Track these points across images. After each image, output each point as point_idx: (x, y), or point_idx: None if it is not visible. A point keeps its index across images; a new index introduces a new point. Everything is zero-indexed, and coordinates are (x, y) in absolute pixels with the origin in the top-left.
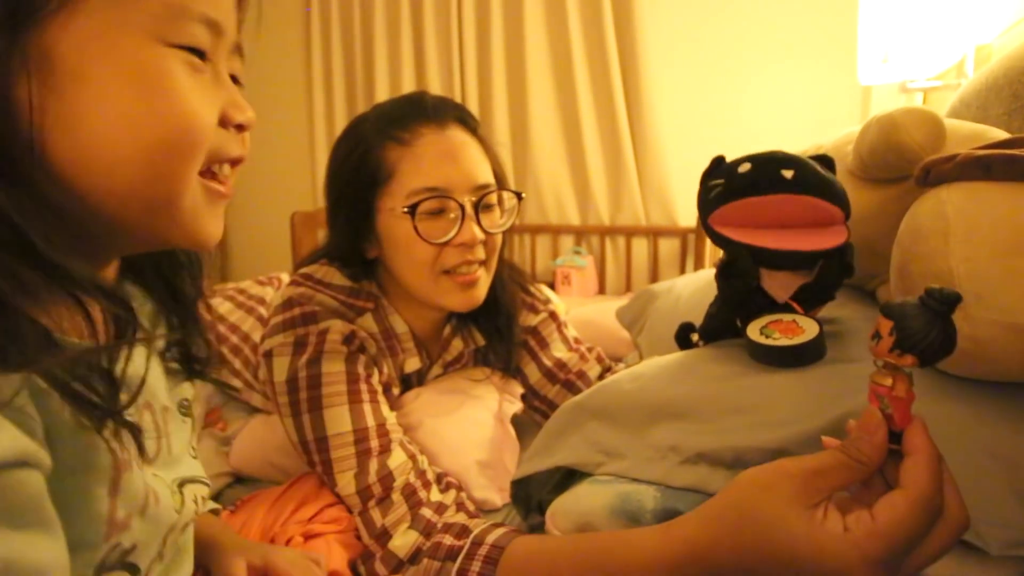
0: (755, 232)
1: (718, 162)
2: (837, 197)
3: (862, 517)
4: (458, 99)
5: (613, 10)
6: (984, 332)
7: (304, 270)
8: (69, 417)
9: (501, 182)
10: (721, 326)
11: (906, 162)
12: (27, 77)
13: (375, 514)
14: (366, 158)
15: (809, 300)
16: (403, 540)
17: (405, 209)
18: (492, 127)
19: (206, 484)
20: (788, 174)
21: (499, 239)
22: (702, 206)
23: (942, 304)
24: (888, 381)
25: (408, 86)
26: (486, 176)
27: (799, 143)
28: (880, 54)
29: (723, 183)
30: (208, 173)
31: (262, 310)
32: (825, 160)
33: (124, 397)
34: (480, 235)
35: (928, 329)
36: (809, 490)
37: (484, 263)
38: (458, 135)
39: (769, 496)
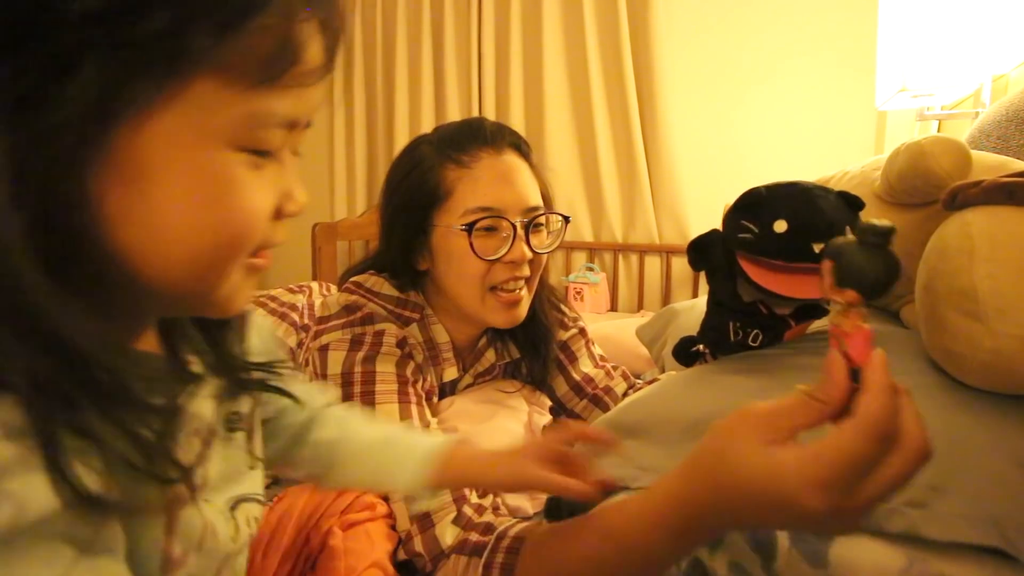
0: (771, 271)
1: (755, 200)
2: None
3: (812, 444)
4: (475, 114)
5: (630, 30)
6: (1006, 345)
7: (354, 279)
8: (121, 456)
9: (548, 204)
10: (722, 336)
11: (933, 187)
12: (100, 170)
13: None
14: (425, 178)
15: (806, 315)
16: (448, 533)
17: (462, 227)
18: None
19: (259, 501)
20: (818, 248)
21: (544, 259)
22: (728, 234)
23: (877, 236)
24: (844, 322)
25: (427, 106)
26: (536, 199)
27: (814, 166)
28: (897, 81)
29: (755, 236)
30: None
31: (295, 316)
32: (853, 203)
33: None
34: (528, 254)
35: (865, 263)
36: (769, 428)
37: (528, 282)
38: (512, 159)
39: (732, 437)
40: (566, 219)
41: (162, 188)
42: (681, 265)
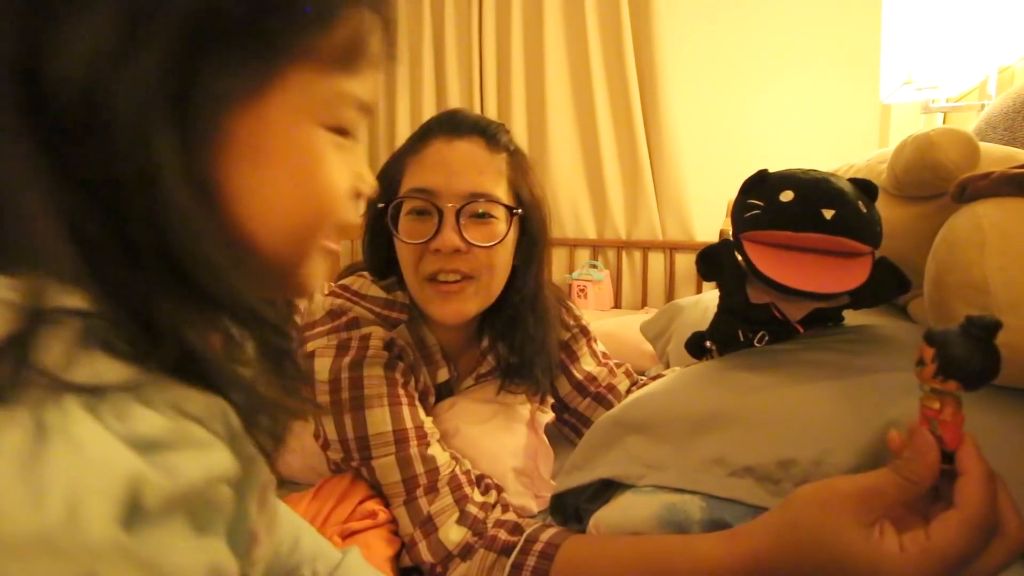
0: (779, 255)
1: (761, 178)
2: (871, 236)
3: (917, 536)
4: (476, 111)
5: (632, 25)
6: (1017, 339)
7: (342, 282)
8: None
9: (526, 206)
10: (730, 340)
11: (941, 180)
12: (222, 153)
13: (422, 502)
14: (392, 170)
15: (817, 322)
16: (453, 533)
17: (383, 203)
18: None
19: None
20: (828, 214)
21: (494, 256)
22: (736, 221)
23: (983, 331)
24: (936, 405)
25: (428, 104)
26: (484, 186)
27: (818, 160)
28: (902, 74)
29: (762, 208)
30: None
31: (295, 318)
32: (868, 188)
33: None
34: (457, 243)
35: (970, 355)
36: (865, 509)
37: (471, 278)
38: (468, 146)
39: (827, 514)
40: (511, 211)
41: (270, 165)
42: (684, 261)
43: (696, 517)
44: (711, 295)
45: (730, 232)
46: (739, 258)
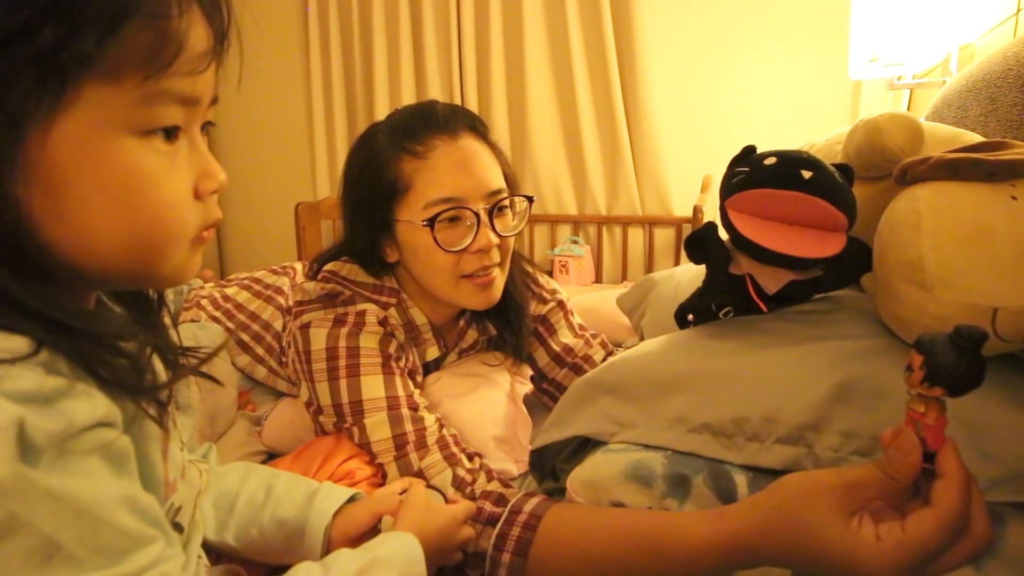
0: (762, 224)
1: (749, 150)
2: (846, 204)
3: (893, 529)
4: (456, 90)
5: (611, 4)
6: (949, 312)
7: (329, 267)
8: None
9: (512, 185)
10: (703, 308)
11: (888, 163)
12: (21, 178)
13: (412, 457)
14: (382, 171)
15: (788, 301)
16: (448, 491)
17: (424, 222)
18: (490, 118)
19: (204, 463)
20: (807, 175)
21: (512, 241)
22: (724, 188)
23: (970, 341)
24: (921, 408)
25: (407, 77)
26: (498, 182)
27: (792, 137)
28: (869, 51)
29: (747, 172)
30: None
31: (280, 299)
32: (845, 170)
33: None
34: (495, 240)
35: (956, 364)
36: (847, 500)
37: (499, 264)
38: (470, 144)
39: (811, 502)
40: (530, 200)
41: (78, 188)
42: (663, 236)
43: (659, 472)
44: (683, 269)
45: (704, 208)
46: (723, 231)
